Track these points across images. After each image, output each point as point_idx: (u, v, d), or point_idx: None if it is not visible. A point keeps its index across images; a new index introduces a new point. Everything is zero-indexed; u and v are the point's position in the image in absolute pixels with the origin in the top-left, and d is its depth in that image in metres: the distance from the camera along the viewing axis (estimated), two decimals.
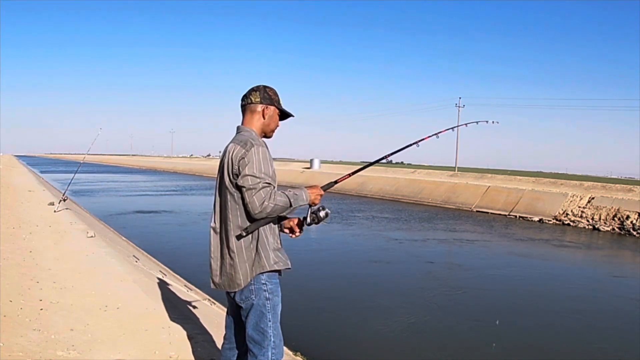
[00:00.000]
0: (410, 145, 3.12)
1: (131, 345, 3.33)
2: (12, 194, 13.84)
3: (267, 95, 2.40)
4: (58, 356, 3.06)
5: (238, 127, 2.42)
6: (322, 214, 2.36)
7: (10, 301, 3.90)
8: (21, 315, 3.64)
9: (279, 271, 2.33)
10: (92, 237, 7.48)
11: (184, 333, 3.63)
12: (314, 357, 5.22)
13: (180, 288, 5.88)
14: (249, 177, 2.16)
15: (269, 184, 2.19)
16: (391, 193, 29.72)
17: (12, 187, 16.54)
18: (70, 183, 12.67)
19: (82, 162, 13.88)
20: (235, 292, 2.29)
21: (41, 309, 3.85)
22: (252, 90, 2.42)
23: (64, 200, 11.07)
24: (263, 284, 2.27)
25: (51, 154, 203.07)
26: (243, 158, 2.19)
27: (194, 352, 3.31)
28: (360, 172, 3.05)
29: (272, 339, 2.27)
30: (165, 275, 6.87)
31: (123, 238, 11.07)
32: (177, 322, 3.87)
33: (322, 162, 45.84)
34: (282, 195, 2.19)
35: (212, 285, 2.38)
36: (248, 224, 2.23)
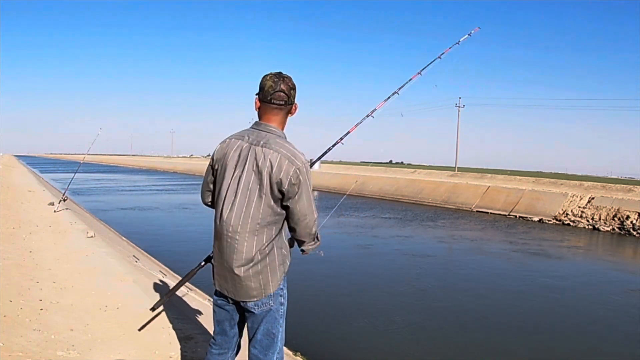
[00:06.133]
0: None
1: (131, 345, 3.33)
2: (12, 194, 13.84)
3: (295, 92, 2.19)
4: (58, 356, 3.06)
5: (268, 126, 2.16)
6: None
7: (10, 301, 3.90)
8: (21, 315, 3.64)
9: None
10: (92, 237, 7.48)
11: (184, 333, 3.63)
12: (314, 357, 5.23)
13: (181, 288, 5.87)
14: (306, 207, 2.13)
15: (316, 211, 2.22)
16: (391, 193, 29.71)
17: (12, 187, 16.53)
18: (70, 183, 12.67)
19: (82, 162, 13.86)
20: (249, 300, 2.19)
21: (41, 309, 3.85)
22: (291, 87, 2.16)
23: (64, 200, 11.07)
24: (280, 288, 2.22)
25: (51, 154, 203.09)
26: (297, 179, 2.07)
27: (194, 352, 3.31)
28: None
29: (279, 344, 2.25)
30: (165, 275, 6.86)
31: (123, 238, 11.07)
32: (177, 322, 3.87)
33: (322, 162, 45.80)
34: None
35: (218, 293, 2.28)
36: (273, 234, 2.14)
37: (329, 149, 3.60)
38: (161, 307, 4.18)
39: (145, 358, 3.18)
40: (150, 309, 3.28)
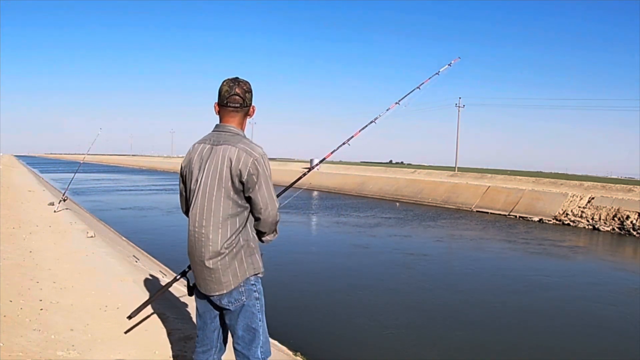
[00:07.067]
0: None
1: (131, 345, 3.34)
2: (12, 194, 13.84)
3: (251, 94, 2.34)
4: (58, 356, 3.06)
5: (222, 126, 2.31)
6: None
7: (10, 301, 3.91)
8: (21, 315, 3.65)
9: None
10: (92, 237, 7.48)
11: (184, 333, 3.64)
12: (314, 357, 5.23)
13: (181, 288, 5.88)
14: (267, 197, 2.23)
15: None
16: (391, 193, 29.72)
17: (12, 187, 16.54)
18: (70, 183, 12.67)
19: (82, 162, 13.87)
20: (220, 296, 2.26)
21: (41, 309, 3.85)
22: (246, 91, 2.30)
23: (64, 200, 11.07)
24: (252, 284, 2.29)
25: (51, 154, 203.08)
26: (255, 170, 2.17)
27: (194, 352, 3.31)
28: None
29: (261, 337, 2.31)
30: (165, 275, 6.86)
31: (123, 238, 11.08)
32: (177, 322, 3.88)
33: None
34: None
35: (198, 289, 2.33)
36: (238, 226, 2.23)
37: (307, 172, 3.98)
38: (161, 308, 4.18)
39: (145, 358, 3.18)
40: (128, 317, 3.29)
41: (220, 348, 2.47)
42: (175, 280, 3.08)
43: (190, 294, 2.47)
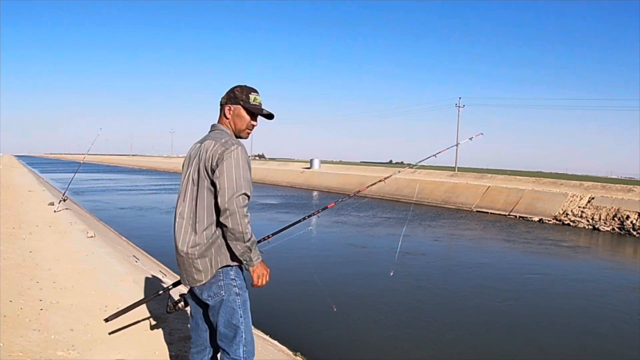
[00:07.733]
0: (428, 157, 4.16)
1: (131, 345, 3.34)
2: (12, 194, 13.83)
3: (233, 95, 2.45)
4: (58, 356, 3.06)
5: (213, 125, 2.50)
6: (181, 304, 2.58)
7: (10, 301, 3.91)
8: (21, 315, 3.65)
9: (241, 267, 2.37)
10: (92, 237, 7.48)
11: (184, 333, 3.64)
12: (314, 357, 5.23)
13: (181, 289, 5.88)
14: (226, 182, 2.19)
15: (246, 194, 2.20)
16: (391, 193, 29.70)
17: (12, 187, 16.53)
18: (70, 183, 12.67)
19: (82, 162, 13.88)
20: (201, 289, 2.29)
21: (41, 309, 3.85)
22: (229, 92, 2.50)
23: (64, 200, 11.06)
24: (232, 279, 2.29)
25: (51, 154, 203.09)
26: (222, 156, 2.23)
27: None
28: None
29: (244, 335, 2.27)
30: (165, 275, 6.86)
31: (123, 238, 11.07)
32: (177, 322, 3.88)
33: (322, 162, 45.85)
34: (249, 226, 2.20)
35: (183, 282, 2.42)
36: (215, 216, 2.27)
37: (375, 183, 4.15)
38: (160, 308, 4.18)
39: (145, 358, 3.18)
40: (105, 320, 3.27)
41: (215, 349, 2.48)
42: (157, 295, 3.15)
43: (168, 312, 2.58)
